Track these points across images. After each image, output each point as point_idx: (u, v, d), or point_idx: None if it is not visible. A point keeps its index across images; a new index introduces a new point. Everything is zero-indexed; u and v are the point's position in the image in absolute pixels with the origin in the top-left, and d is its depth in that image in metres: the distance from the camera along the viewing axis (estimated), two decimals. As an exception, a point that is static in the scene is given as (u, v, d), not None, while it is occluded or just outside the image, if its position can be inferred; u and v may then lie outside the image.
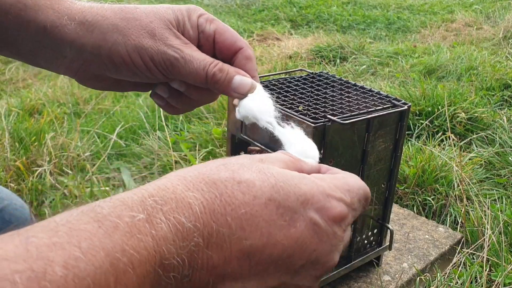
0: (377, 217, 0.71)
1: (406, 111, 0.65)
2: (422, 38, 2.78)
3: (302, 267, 0.25)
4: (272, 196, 0.24)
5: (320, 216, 0.25)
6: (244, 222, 0.23)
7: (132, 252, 0.20)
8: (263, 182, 0.24)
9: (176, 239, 0.21)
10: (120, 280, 0.19)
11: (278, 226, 0.24)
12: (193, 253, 0.22)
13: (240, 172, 0.25)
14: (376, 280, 0.74)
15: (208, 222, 0.22)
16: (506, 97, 1.64)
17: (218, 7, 3.72)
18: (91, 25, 0.37)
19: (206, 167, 0.25)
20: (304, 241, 0.24)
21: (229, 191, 0.23)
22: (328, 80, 0.76)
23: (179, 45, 0.37)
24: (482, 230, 0.89)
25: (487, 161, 1.23)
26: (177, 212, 0.22)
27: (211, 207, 0.23)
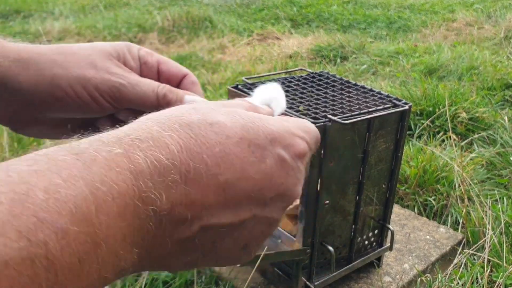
0: (378, 218, 0.71)
1: (407, 111, 0.64)
2: (423, 37, 2.78)
3: (271, 199, 0.27)
4: (243, 135, 0.26)
5: (287, 153, 0.27)
6: (219, 159, 0.24)
7: (111, 184, 0.20)
8: (233, 123, 0.26)
9: (154, 174, 0.22)
10: (101, 209, 0.19)
11: (250, 162, 0.26)
12: (170, 188, 0.22)
13: (210, 114, 0.26)
14: (377, 281, 0.73)
15: (185, 160, 0.23)
16: (508, 97, 1.64)
17: (218, 7, 3.71)
18: (26, 62, 0.36)
19: (176, 110, 0.26)
20: (273, 175, 0.27)
21: (203, 132, 0.25)
22: (329, 79, 0.75)
23: (123, 72, 0.37)
24: (483, 231, 0.89)
25: (489, 161, 1.22)
26: (155, 150, 0.22)
27: (187, 146, 0.24)
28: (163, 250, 0.24)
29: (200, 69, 2.23)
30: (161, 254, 0.24)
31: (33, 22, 3.30)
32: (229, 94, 0.70)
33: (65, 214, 0.18)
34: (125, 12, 3.59)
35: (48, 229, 0.17)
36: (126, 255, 0.21)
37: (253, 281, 0.73)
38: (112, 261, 0.20)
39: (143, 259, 0.23)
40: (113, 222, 0.20)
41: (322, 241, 0.64)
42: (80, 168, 0.19)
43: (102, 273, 0.20)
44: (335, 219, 0.64)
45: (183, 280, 0.74)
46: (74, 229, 0.18)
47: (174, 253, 0.25)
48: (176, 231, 0.23)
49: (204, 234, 0.25)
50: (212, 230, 0.25)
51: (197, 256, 0.26)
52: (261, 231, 0.28)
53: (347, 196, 0.64)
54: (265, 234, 0.29)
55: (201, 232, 0.25)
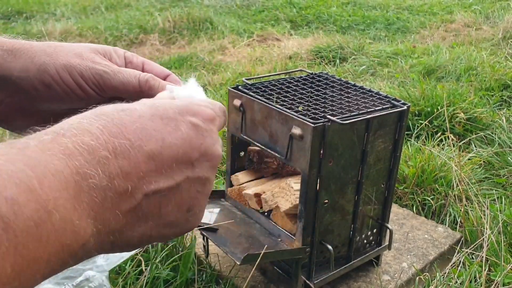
0: (377, 217, 0.72)
1: (406, 111, 0.65)
2: (421, 38, 2.79)
3: (197, 160, 0.31)
4: (153, 113, 0.30)
5: (197, 119, 0.31)
6: (139, 134, 0.28)
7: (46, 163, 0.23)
8: (142, 106, 0.30)
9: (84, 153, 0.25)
10: (43, 183, 0.22)
11: (167, 132, 0.29)
12: (104, 164, 0.25)
13: (119, 105, 0.30)
14: (376, 280, 0.74)
15: (109, 140, 0.26)
16: (505, 97, 1.65)
17: (218, 8, 3.72)
18: (18, 51, 0.39)
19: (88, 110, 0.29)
20: (191, 139, 0.30)
21: (117, 116, 0.28)
22: (328, 80, 0.76)
23: (107, 63, 0.41)
24: (481, 230, 0.90)
25: (486, 161, 1.23)
26: (79, 136, 0.26)
27: (107, 129, 0.27)
28: (117, 223, 0.26)
29: (201, 70, 2.24)
30: (117, 228, 0.26)
31: (35, 23, 3.30)
32: (230, 94, 0.71)
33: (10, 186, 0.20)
34: (126, 13, 3.59)
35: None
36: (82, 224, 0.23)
37: (253, 280, 0.74)
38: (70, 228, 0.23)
39: (102, 232, 0.25)
40: (58, 194, 0.22)
41: (322, 240, 0.65)
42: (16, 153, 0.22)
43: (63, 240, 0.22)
44: (334, 218, 0.65)
45: (184, 279, 0.75)
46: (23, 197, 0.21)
47: (128, 225, 0.27)
48: (122, 202, 0.26)
49: (148, 201, 0.28)
50: (155, 196, 0.28)
51: (149, 225, 0.29)
52: (197, 191, 0.31)
53: (346, 195, 0.65)
54: (203, 194, 0.32)
55: (145, 200, 0.28)
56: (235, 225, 0.70)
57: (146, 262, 0.78)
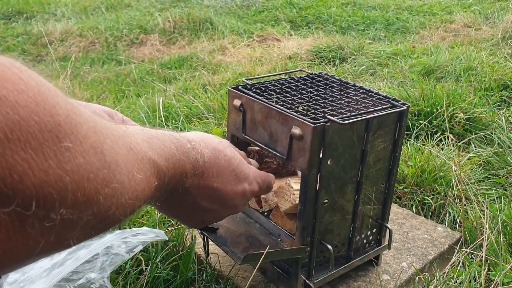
0: (376, 217, 0.72)
1: (405, 111, 0.66)
2: (421, 38, 2.79)
3: (228, 207, 0.51)
4: (235, 168, 0.51)
5: (248, 188, 0.53)
6: (219, 174, 0.48)
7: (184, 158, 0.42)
8: (234, 159, 0.51)
9: (193, 166, 0.43)
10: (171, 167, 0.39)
11: (230, 183, 0.50)
12: (195, 176, 0.44)
13: (227, 149, 0.51)
14: (375, 279, 0.74)
15: (206, 166, 0.46)
16: (505, 98, 1.65)
17: (218, 8, 3.72)
18: None
19: (213, 138, 0.50)
20: (236, 196, 0.51)
21: (220, 156, 0.48)
22: (328, 80, 0.76)
23: None
24: (481, 230, 0.90)
25: (486, 161, 1.23)
26: (199, 155, 0.44)
27: (210, 160, 0.46)
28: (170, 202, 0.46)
29: (201, 70, 2.24)
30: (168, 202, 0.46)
31: (36, 23, 3.30)
32: (230, 94, 0.71)
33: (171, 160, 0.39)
34: (126, 13, 3.60)
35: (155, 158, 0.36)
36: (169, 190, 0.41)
37: (253, 279, 0.74)
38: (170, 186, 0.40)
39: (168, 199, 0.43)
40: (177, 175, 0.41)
41: (321, 239, 0.65)
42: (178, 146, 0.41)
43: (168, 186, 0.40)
44: (334, 218, 0.65)
45: (184, 278, 0.75)
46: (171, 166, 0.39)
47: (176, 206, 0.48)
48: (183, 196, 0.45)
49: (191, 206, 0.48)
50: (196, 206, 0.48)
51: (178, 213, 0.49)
52: (214, 218, 0.53)
53: (346, 195, 0.65)
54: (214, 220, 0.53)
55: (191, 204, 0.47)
56: (235, 225, 0.70)
57: (146, 262, 0.78)
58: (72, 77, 2.28)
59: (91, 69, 2.49)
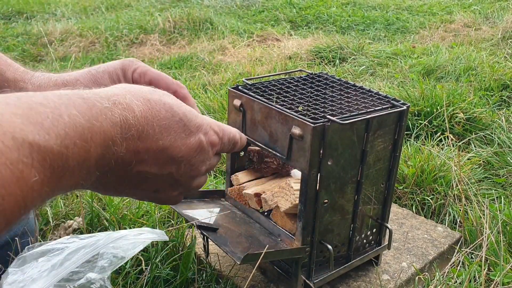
0: (376, 217, 0.72)
1: (405, 111, 0.65)
2: (421, 38, 2.79)
3: (184, 165, 0.40)
4: (182, 117, 0.39)
5: (204, 139, 0.41)
6: (163, 129, 0.37)
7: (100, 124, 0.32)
8: (178, 108, 0.39)
9: (122, 127, 0.34)
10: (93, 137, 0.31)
11: (181, 137, 0.39)
12: (129, 140, 0.34)
13: (164, 97, 0.39)
14: (375, 279, 0.74)
15: (142, 123, 0.35)
16: (505, 98, 1.65)
17: (218, 8, 3.72)
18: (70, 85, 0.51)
19: (142, 88, 0.38)
20: (191, 150, 0.40)
21: (158, 107, 0.37)
22: (328, 80, 0.76)
23: None
24: (481, 230, 0.90)
25: (486, 161, 1.23)
26: (126, 112, 0.34)
27: (145, 114, 0.36)
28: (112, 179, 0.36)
29: (201, 70, 2.24)
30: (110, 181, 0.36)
31: (36, 23, 3.30)
32: (229, 94, 0.71)
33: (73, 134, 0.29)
34: (126, 13, 3.60)
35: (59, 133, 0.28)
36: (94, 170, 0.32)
37: (253, 279, 0.74)
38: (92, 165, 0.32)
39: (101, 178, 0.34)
40: (98, 147, 0.31)
41: (321, 239, 0.65)
42: (86, 108, 0.31)
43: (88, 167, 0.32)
44: (334, 218, 0.65)
45: (184, 278, 0.75)
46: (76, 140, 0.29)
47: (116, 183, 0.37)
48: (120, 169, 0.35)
49: (135, 176, 0.37)
50: (142, 174, 0.38)
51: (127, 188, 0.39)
52: (170, 184, 0.41)
53: (346, 195, 0.65)
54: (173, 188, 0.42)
55: (135, 174, 0.37)
56: (235, 225, 0.70)
57: (146, 262, 0.78)
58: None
59: (91, 69, 2.49)
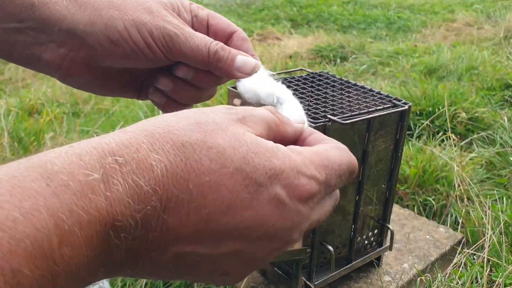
0: (378, 218, 0.71)
1: (407, 111, 0.65)
2: (422, 37, 2.78)
3: (258, 238, 0.24)
4: (240, 166, 0.23)
5: (286, 193, 0.24)
6: (207, 190, 0.22)
7: (80, 213, 0.18)
8: (234, 150, 0.23)
9: (132, 201, 0.20)
10: (65, 241, 0.18)
11: (241, 198, 0.23)
12: (148, 216, 0.21)
13: (213, 135, 0.23)
14: (377, 281, 0.73)
15: (168, 187, 0.21)
16: (507, 97, 1.64)
17: (218, 6, 3.72)
18: (84, 3, 0.35)
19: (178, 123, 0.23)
20: (264, 215, 0.23)
21: (197, 156, 0.22)
22: (329, 79, 0.75)
23: (178, 23, 0.36)
24: (483, 231, 0.89)
25: (488, 161, 1.22)
26: (137, 174, 0.20)
27: (174, 171, 0.21)
28: (132, 270, 0.22)
29: (200, 69, 2.23)
30: (129, 272, 0.23)
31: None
32: (229, 94, 0.70)
33: (19, 253, 0.16)
34: (125, 12, 3.59)
35: None
36: (91, 278, 0.20)
37: (253, 281, 0.73)
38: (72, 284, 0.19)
39: (108, 274, 0.22)
40: (77, 252, 0.19)
41: (322, 240, 0.64)
42: (47, 196, 0.18)
43: None
44: (335, 218, 0.65)
45: (183, 281, 0.75)
46: (29, 267, 0.17)
47: (144, 272, 0.23)
48: (148, 255, 0.22)
49: (178, 260, 0.23)
50: (188, 257, 0.23)
51: (170, 275, 0.24)
52: (244, 264, 0.25)
53: (347, 195, 0.64)
54: (249, 267, 0.26)
55: (175, 258, 0.23)
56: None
57: (145, 263, 0.77)
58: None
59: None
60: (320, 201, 0.26)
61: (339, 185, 0.27)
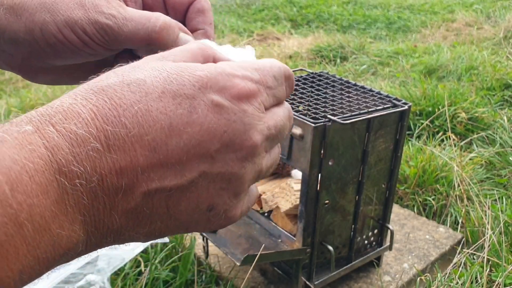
0: (378, 218, 0.71)
1: (407, 111, 0.65)
2: (422, 38, 2.78)
3: (218, 151, 0.24)
4: (165, 88, 0.23)
5: (221, 96, 0.24)
6: (140, 119, 0.22)
7: (24, 162, 0.19)
8: (154, 78, 0.24)
9: (71, 146, 0.21)
10: (17, 188, 0.18)
11: (178, 115, 0.23)
12: (94, 158, 0.21)
13: (130, 74, 0.24)
14: (377, 280, 0.73)
15: (101, 127, 0.22)
16: (507, 97, 1.64)
17: (218, 7, 3.72)
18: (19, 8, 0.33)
19: (96, 77, 0.24)
20: (210, 125, 0.23)
21: (119, 94, 0.23)
22: (329, 80, 0.75)
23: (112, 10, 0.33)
24: (483, 230, 0.89)
25: (488, 161, 1.22)
26: (67, 122, 0.21)
27: (101, 112, 0.22)
28: (113, 224, 0.23)
29: (200, 69, 2.23)
30: (113, 228, 0.23)
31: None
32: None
33: None
34: (125, 12, 3.59)
35: None
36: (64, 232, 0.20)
37: (253, 281, 0.73)
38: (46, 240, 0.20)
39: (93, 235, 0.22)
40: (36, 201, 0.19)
41: (322, 240, 0.65)
42: None
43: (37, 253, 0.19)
44: (335, 218, 0.65)
45: (183, 279, 0.75)
46: None
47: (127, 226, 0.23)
48: (116, 202, 0.22)
49: (150, 201, 0.23)
50: (158, 195, 0.23)
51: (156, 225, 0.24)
52: (221, 188, 0.25)
53: (347, 195, 0.64)
54: (229, 191, 0.26)
55: (146, 199, 0.23)
56: (235, 226, 0.69)
57: (145, 263, 0.77)
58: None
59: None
60: (270, 107, 0.27)
61: (279, 88, 0.27)
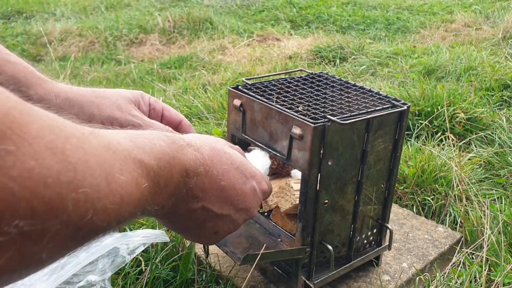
0: (377, 217, 0.72)
1: (406, 111, 0.65)
2: (421, 38, 2.79)
3: (241, 209, 0.46)
4: (239, 166, 0.46)
5: (258, 186, 0.49)
6: (224, 172, 0.44)
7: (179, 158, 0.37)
8: (237, 157, 0.47)
9: (193, 164, 0.39)
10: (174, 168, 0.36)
11: (238, 182, 0.46)
12: (197, 175, 0.40)
13: (225, 147, 0.47)
14: (376, 280, 0.74)
15: (208, 164, 0.42)
16: (506, 97, 1.65)
17: (218, 8, 3.72)
18: (72, 101, 0.51)
19: (209, 138, 0.45)
20: (246, 195, 0.47)
21: (221, 154, 0.44)
22: (328, 80, 0.76)
23: (140, 115, 0.55)
24: (482, 230, 0.90)
25: (487, 161, 1.23)
26: (197, 152, 0.40)
27: (211, 158, 0.42)
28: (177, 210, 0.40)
29: (201, 69, 2.24)
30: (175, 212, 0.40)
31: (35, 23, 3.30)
32: (229, 94, 0.71)
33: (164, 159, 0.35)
34: (126, 13, 3.59)
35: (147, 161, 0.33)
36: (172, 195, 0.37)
37: (253, 280, 0.74)
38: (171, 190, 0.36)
39: (173, 209, 0.39)
40: (177, 174, 0.37)
41: (322, 240, 0.65)
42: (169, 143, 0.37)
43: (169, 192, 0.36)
44: (334, 218, 0.65)
45: (184, 279, 0.75)
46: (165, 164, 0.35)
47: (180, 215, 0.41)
48: (190, 201, 0.40)
49: (200, 213, 0.42)
50: (205, 212, 0.42)
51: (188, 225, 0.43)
52: (228, 227, 0.46)
53: (346, 195, 0.65)
54: (229, 231, 0.47)
55: (200, 210, 0.42)
56: (235, 225, 0.70)
57: (146, 262, 0.78)
58: (72, 77, 2.27)
59: (90, 68, 2.49)
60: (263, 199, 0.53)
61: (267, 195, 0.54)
